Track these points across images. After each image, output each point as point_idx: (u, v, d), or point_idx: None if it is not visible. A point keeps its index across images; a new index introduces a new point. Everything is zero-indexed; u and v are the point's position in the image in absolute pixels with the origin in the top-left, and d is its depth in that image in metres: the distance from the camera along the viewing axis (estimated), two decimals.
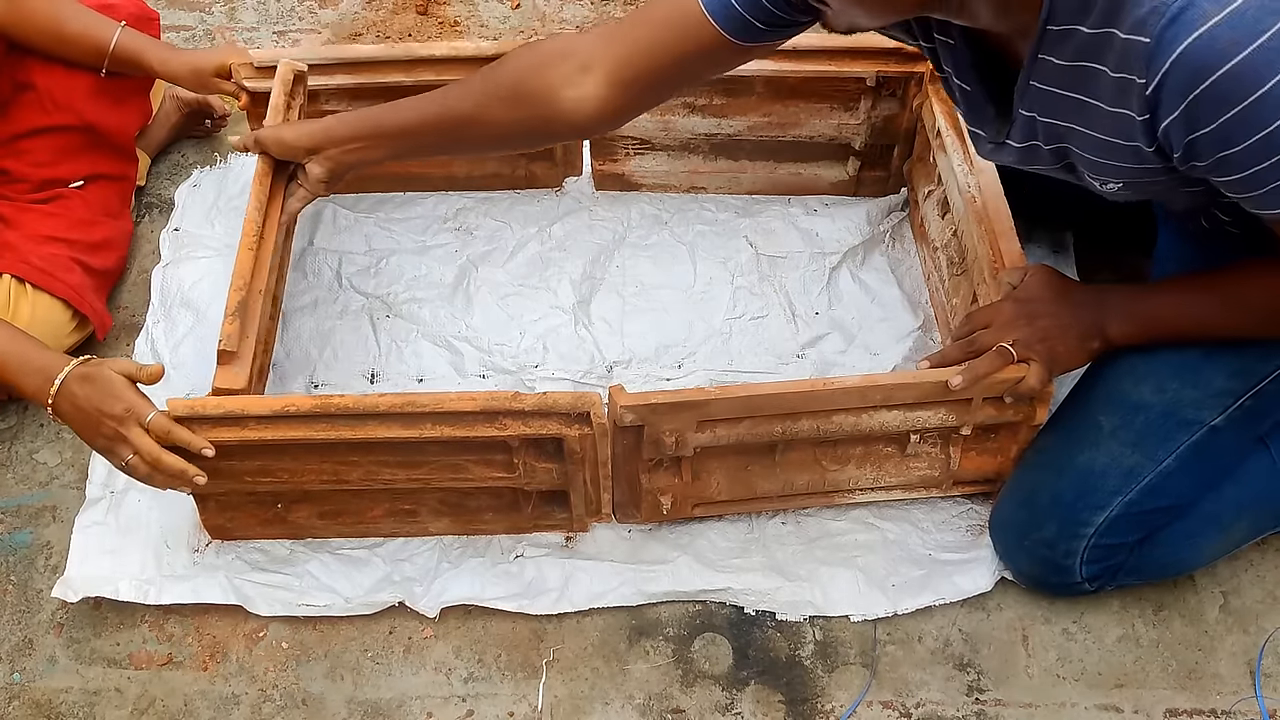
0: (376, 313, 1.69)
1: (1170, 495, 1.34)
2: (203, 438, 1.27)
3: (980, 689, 1.38)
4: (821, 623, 1.42)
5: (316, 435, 1.30)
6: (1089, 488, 1.33)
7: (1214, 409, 1.32)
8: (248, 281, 1.40)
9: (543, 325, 1.68)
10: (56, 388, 1.28)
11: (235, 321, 1.36)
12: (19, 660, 1.40)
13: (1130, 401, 1.33)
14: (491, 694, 1.37)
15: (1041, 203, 1.65)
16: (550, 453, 1.35)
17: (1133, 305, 1.34)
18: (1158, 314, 1.32)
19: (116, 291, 1.75)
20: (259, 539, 1.46)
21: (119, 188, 1.76)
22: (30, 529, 1.51)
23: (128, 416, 1.26)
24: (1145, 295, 1.36)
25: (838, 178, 1.81)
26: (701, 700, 1.37)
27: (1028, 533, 1.38)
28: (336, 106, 1.69)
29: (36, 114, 1.65)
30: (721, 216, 1.81)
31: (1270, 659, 1.40)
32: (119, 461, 1.28)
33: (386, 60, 1.66)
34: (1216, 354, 1.32)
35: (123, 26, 1.63)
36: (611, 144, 1.77)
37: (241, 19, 2.21)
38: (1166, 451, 1.32)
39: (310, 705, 1.37)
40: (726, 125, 1.74)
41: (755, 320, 1.68)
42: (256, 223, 1.44)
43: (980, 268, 1.45)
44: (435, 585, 1.43)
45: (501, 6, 2.24)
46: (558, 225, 1.80)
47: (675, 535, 1.48)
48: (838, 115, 1.72)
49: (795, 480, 1.43)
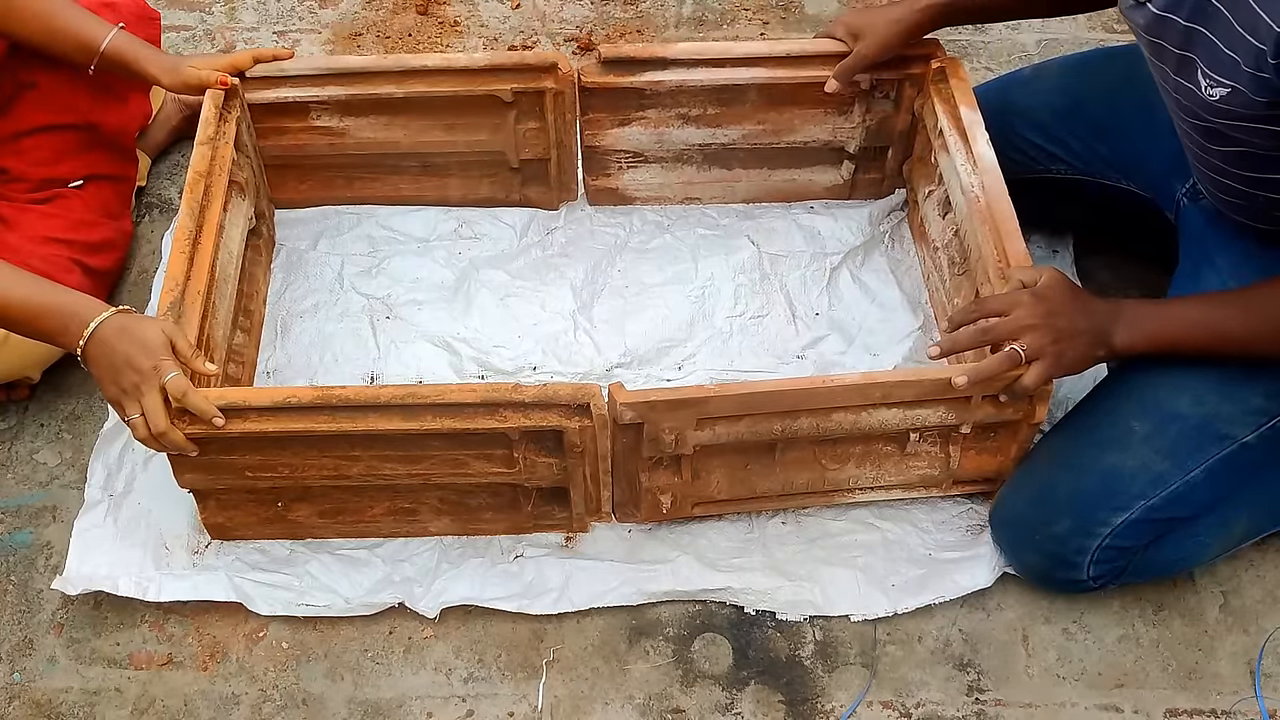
0: (376, 314, 1.69)
1: (1190, 505, 1.35)
2: (214, 406, 1.28)
3: (980, 689, 1.38)
4: (821, 623, 1.42)
5: (317, 427, 1.30)
6: (1113, 489, 1.34)
7: (1248, 426, 1.34)
8: (181, 284, 1.39)
9: (542, 328, 1.68)
10: (91, 330, 1.29)
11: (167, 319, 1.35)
12: (19, 660, 1.40)
13: (1166, 410, 1.35)
14: (491, 694, 1.37)
15: (1041, 204, 1.65)
16: (550, 447, 1.35)
17: (1145, 318, 1.34)
18: (1169, 326, 1.33)
19: (117, 291, 1.75)
20: (259, 539, 1.47)
21: (119, 188, 1.76)
22: (30, 529, 1.51)
23: (152, 374, 1.27)
24: (1161, 307, 1.37)
25: (832, 182, 1.81)
26: (701, 700, 1.37)
27: (1038, 528, 1.38)
28: (328, 120, 1.69)
29: (38, 112, 1.65)
30: (724, 222, 1.81)
31: (1270, 659, 1.40)
32: (124, 415, 1.29)
33: (378, 71, 1.66)
34: (1256, 373, 1.34)
35: (119, 29, 1.60)
36: (605, 159, 1.77)
37: (241, 19, 2.22)
38: (1196, 462, 1.33)
39: (310, 705, 1.37)
40: (721, 134, 1.74)
41: (756, 319, 1.68)
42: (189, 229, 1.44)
43: (984, 267, 1.45)
44: (435, 586, 1.43)
45: (501, 6, 2.24)
46: (560, 230, 1.80)
47: (675, 535, 1.48)
48: (832, 119, 1.72)
49: (795, 479, 1.43)
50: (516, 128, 1.70)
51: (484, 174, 1.78)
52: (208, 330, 1.42)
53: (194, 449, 1.31)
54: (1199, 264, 1.45)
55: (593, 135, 1.73)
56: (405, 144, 1.72)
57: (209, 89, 1.58)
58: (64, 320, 1.31)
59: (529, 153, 1.74)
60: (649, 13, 2.24)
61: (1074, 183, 1.65)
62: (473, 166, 1.77)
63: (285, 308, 1.70)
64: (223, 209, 1.50)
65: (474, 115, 1.69)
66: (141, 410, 1.27)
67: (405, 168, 1.78)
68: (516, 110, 1.68)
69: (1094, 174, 1.63)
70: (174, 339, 1.30)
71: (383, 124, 1.70)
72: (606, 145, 1.75)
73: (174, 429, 1.28)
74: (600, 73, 1.66)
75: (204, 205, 1.47)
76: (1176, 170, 1.49)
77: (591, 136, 1.73)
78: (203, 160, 1.51)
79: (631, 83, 1.67)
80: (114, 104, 1.71)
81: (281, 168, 1.76)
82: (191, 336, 1.34)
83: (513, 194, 1.81)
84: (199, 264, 1.42)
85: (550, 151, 1.73)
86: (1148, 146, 1.55)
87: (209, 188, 1.49)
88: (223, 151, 1.54)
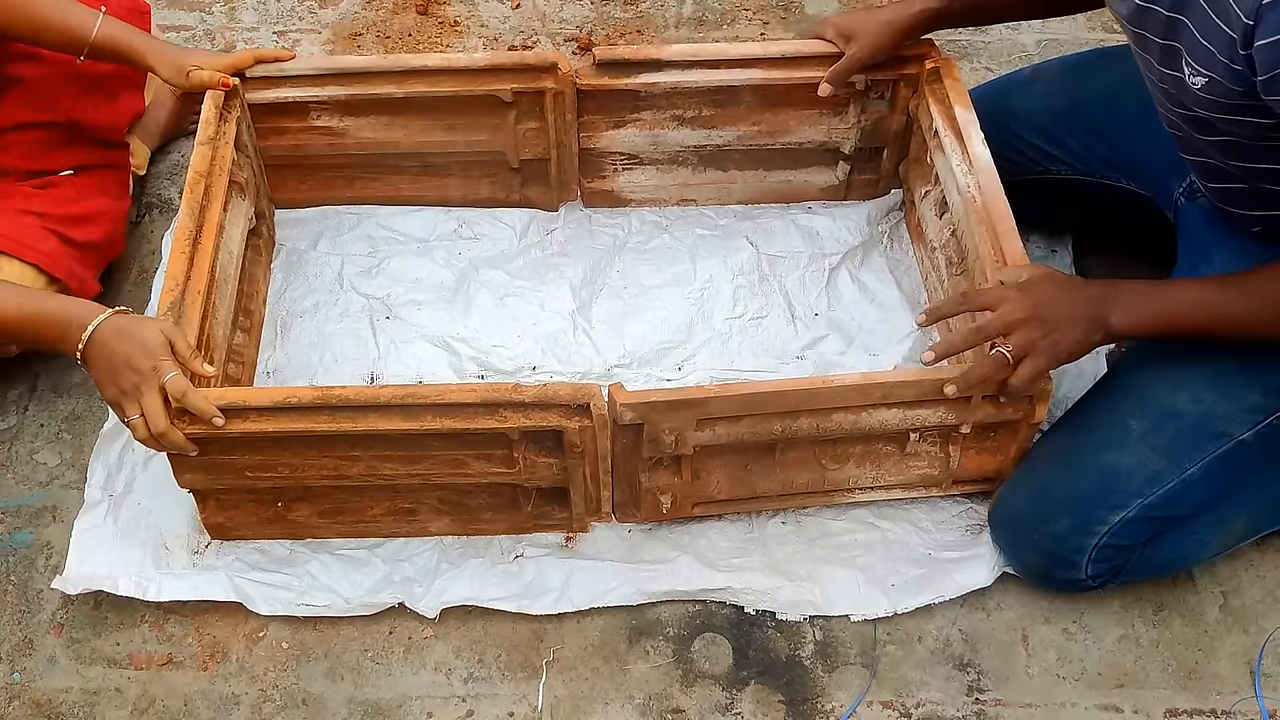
0: (376, 314, 1.69)
1: (1188, 504, 1.35)
2: (214, 406, 1.28)
3: (980, 689, 1.38)
4: (821, 622, 1.42)
5: (317, 427, 1.30)
6: (1111, 488, 1.34)
7: (1245, 424, 1.34)
8: (181, 284, 1.39)
9: (542, 328, 1.68)
10: (89, 333, 1.29)
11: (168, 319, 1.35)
12: (19, 660, 1.40)
13: (1164, 408, 1.35)
14: (491, 694, 1.37)
15: (1041, 204, 1.66)
16: (550, 447, 1.35)
17: (1142, 297, 1.32)
18: (1167, 307, 1.32)
19: (117, 292, 1.75)
20: (259, 539, 1.47)
21: (115, 174, 1.74)
22: (30, 529, 1.51)
23: (151, 374, 1.27)
24: (1160, 289, 1.35)
25: (827, 182, 1.81)
26: (701, 700, 1.37)
27: (1037, 527, 1.38)
28: (328, 120, 1.69)
29: (23, 109, 1.63)
30: (722, 222, 1.82)
31: (1270, 659, 1.40)
32: (124, 416, 1.29)
33: (378, 71, 1.66)
34: (1253, 370, 1.34)
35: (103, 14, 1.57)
36: (600, 161, 1.77)
37: (241, 19, 2.22)
38: (1193, 460, 1.34)
39: (310, 705, 1.37)
40: (716, 136, 1.74)
41: (755, 320, 1.68)
42: (189, 229, 1.44)
43: (981, 267, 1.45)
44: (435, 586, 1.43)
45: (501, 6, 2.24)
46: (559, 230, 1.80)
47: (675, 535, 1.48)
48: (827, 120, 1.72)
49: (795, 479, 1.43)
50: (516, 128, 1.70)
51: (484, 174, 1.78)
52: (208, 330, 1.42)
53: (194, 449, 1.31)
54: (1197, 262, 1.45)
55: (588, 137, 1.73)
56: (405, 144, 1.73)
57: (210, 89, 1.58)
58: (62, 327, 1.31)
59: (529, 153, 1.74)
60: (649, 13, 2.24)
61: (1073, 183, 1.65)
62: (473, 166, 1.77)
63: (285, 308, 1.70)
64: (223, 209, 1.50)
65: (474, 115, 1.69)
66: (141, 411, 1.28)
67: (405, 168, 1.78)
68: (516, 110, 1.68)
69: (1093, 174, 1.63)
70: (173, 340, 1.30)
71: (383, 124, 1.70)
72: (602, 147, 1.75)
73: (174, 429, 1.28)
74: (595, 75, 1.66)
75: (204, 205, 1.47)
76: (1175, 170, 1.49)
77: (587, 139, 1.73)
78: (203, 160, 1.51)
79: (626, 85, 1.67)
80: (103, 101, 1.69)
81: (281, 168, 1.76)
82: (191, 337, 1.34)
83: (513, 194, 1.81)
84: (199, 264, 1.42)
85: (550, 152, 1.73)
86: (1146, 146, 1.55)
87: (209, 188, 1.49)
88: (223, 151, 1.54)
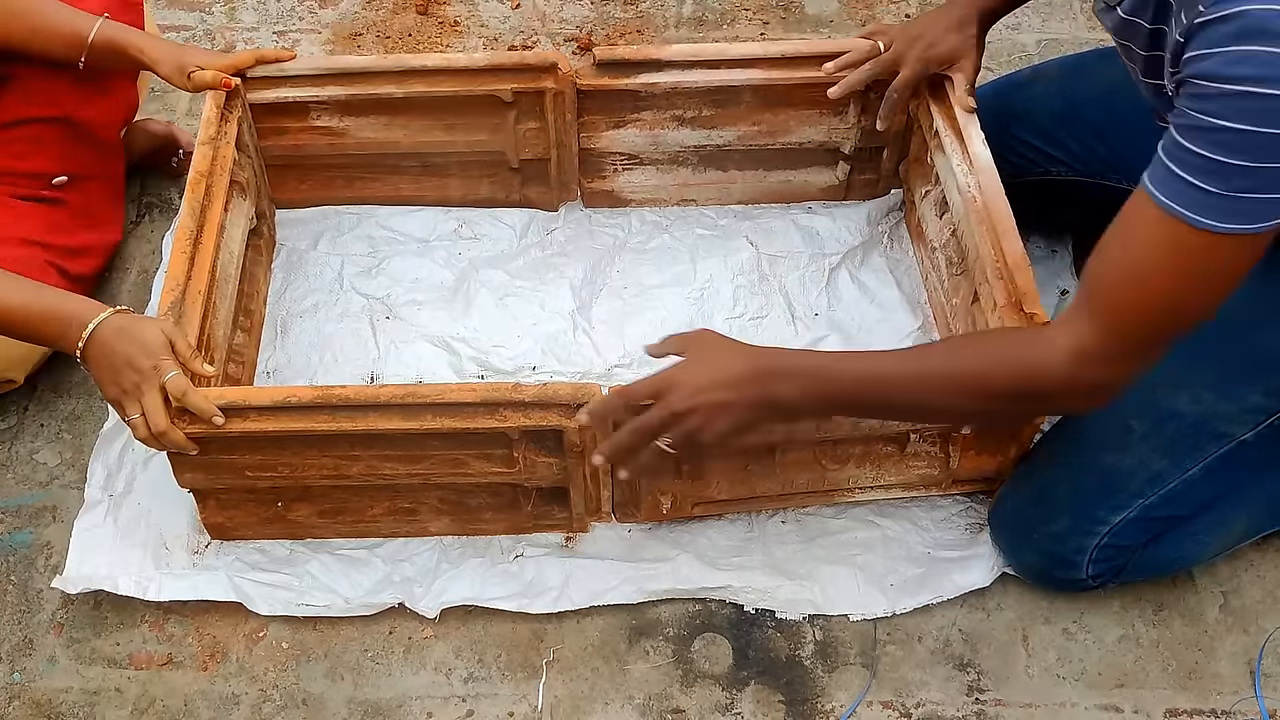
0: (376, 314, 1.69)
1: (1188, 504, 1.36)
2: (214, 405, 1.28)
3: (980, 689, 1.38)
4: (821, 622, 1.42)
5: (317, 427, 1.30)
6: (1112, 488, 1.34)
7: (1246, 424, 1.34)
8: (181, 284, 1.39)
9: (542, 328, 1.68)
10: (89, 331, 1.29)
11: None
12: (19, 660, 1.40)
13: (1164, 408, 1.35)
14: (491, 694, 1.37)
15: (1041, 206, 1.65)
16: (550, 447, 1.35)
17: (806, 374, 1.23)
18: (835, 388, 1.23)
19: (117, 292, 1.75)
20: (259, 539, 1.47)
21: (105, 189, 1.73)
22: (30, 529, 1.51)
23: (152, 373, 1.27)
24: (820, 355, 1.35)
25: (827, 183, 1.81)
26: (701, 700, 1.37)
27: (1037, 527, 1.38)
28: (328, 120, 1.69)
29: (17, 105, 1.62)
30: (722, 222, 1.81)
31: (1270, 659, 1.40)
32: (125, 415, 1.29)
33: (378, 71, 1.66)
34: (1254, 370, 1.34)
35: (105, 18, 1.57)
36: (600, 161, 1.77)
37: (241, 19, 2.22)
38: (1194, 461, 1.34)
39: (310, 705, 1.37)
40: (716, 136, 1.74)
41: (755, 320, 1.68)
42: (190, 229, 1.44)
43: (981, 267, 1.45)
44: (435, 586, 1.43)
45: (501, 6, 2.24)
46: (559, 230, 1.80)
47: (675, 534, 1.48)
48: (827, 120, 1.72)
49: (795, 480, 1.43)
50: (516, 128, 1.70)
51: (484, 174, 1.78)
52: (208, 330, 1.42)
53: (194, 448, 1.31)
54: None
55: (588, 137, 1.73)
56: (405, 144, 1.73)
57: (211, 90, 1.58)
58: (63, 325, 1.31)
59: (529, 153, 1.74)
60: (649, 13, 2.24)
61: (1074, 184, 1.65)
62: (473, 166, 1.77)
63: (285, 308, 1.70)
64: (224, 209, 1.50)
65: (474, 115, 1.69)
66: (141, 410, 1.28)
67: (405, 168, 1.78)
68: (516, 110, 1.68)
69: (1094, 175, 1.63)
70: (173, 339, 1.30)
71: (383, 124, 1.70)
72: (602, 147, 1.75)
73: (174, 428, 1.28)
74: (595, 75, 1.66)
75: (205, 205, 1.47)
76: None
77: (587, 139, 1.73)
78: (204, 160, 1.51)
79: (626, 85, 1.67)
80: (96, 96, 1.67)
81: (282, 168, 1.76)
82: (192, 337, 1.34)
83: (513, 194, 1.81)
84: (200, 264, 1.42)
85: (550, 152, 1.73)
86: (1147, 146, 1.54)
87: (210, 188, 1.49)
88: (224, 151, 1.54)
